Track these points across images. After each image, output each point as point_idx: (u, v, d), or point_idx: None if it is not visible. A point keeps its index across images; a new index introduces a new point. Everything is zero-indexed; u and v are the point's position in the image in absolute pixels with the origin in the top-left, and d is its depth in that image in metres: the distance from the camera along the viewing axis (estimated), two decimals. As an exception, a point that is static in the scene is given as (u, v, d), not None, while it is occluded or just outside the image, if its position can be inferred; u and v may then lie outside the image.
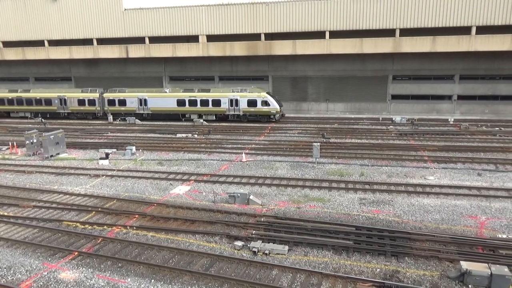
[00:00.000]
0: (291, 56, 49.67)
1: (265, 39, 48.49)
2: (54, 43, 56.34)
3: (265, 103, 43.56)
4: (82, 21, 53.31)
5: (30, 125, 46.08)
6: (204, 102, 44.97)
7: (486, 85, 47.19)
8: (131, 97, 47.10)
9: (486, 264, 13.06)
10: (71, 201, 21.45)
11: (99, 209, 19.95)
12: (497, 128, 38.50)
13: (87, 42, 54.79)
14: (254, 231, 16.78)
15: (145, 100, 46.59)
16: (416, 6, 43.58)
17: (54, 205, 20.80)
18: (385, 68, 49.07)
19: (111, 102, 47.96)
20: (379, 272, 13.79)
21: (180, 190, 22.78)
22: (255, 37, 48.83)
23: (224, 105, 44.61)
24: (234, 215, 18.89)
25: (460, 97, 48.24)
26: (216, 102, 44.73)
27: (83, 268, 14.48)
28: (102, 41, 54.45)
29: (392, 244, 15.31)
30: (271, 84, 52.65)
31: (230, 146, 33.71)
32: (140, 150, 32.83)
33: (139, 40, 52.39)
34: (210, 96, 44.74)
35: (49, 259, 15.25)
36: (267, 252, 15.09)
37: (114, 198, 21.49)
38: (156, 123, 46.65)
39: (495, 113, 47.38)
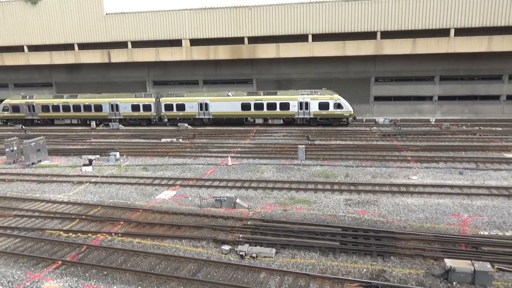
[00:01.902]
0: (275, 59, 49.90)
1: (248, 43, 48.61)
2: (34, 48, 55.28)
3: (338, 105, 41.69)
4: (63, 26, 52.51)
5: (10, 132, 45.06)
6: (271, 106, 43.01)
7: (465, 86, 48.30)
8: (191, 101, 45.03)
9: (469, 261, 13.33)
10: (54, 209, 21.02)
11: (83, 216, 19.62)
12: (477, 128, 39.42)
13: (68, 47, 53.94)
14: (241, 235, 16.75)
15: (206, 104, 44.60)
16: (396, 9, 44.39)
17: (36, 214, 20.37)
18: (367, 70, 49.75)
19: (169, 107, 45.73)
20: (366, 272, 13.93)
21: (165, 195, 22.59)
22: (239, 40, 48.92)
23: (293, 109, 42.61)
24: (221, 219, 18.82)
25: (441, 98, 49.24)
26: (285, 106, 42.71)
27: (68, 277, 14.20)
28: (83, 46, 53.68)
29: (377, 244, 15.49)
30: (255, 87, 52.77)
31: (215, 150, 33.61)
32: (124, 155, 32.44)
33: (122, 44, 51.88)
34: (278, 99, 42.89)
35: (32, 269, 14.91)
36: (254, 255, 15.08)
37: (98, 205, 21.16)
38: (139, 128, 46.21)
39: (475, 113, 48.52)
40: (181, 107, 45.49)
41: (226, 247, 15.69)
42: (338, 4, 45.46)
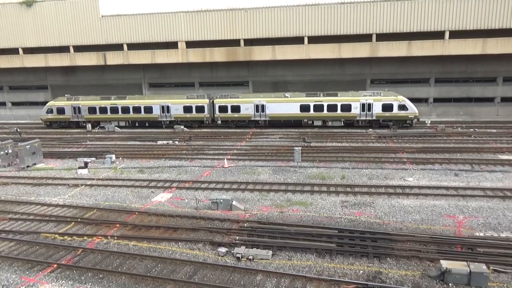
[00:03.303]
0: (271, 61, 49.99)
1: (244, 45, 48.68)
2: (29, 50, 55.02)
3: (403, 107, 40.88)
4: (58, 28, 52.33)
5: (5, 135, 44.79)
6: (332, 107, 42.16)
7: (460, 88, 48.62)
8: (247, 102, 44.12)
9: (465, 262, 13.38)
10: (49, 212, 20.90)
11: (79, 219, 19.52)
12: (471, 129, 39.65)
13: (63, 49, 53.77)
14: (237, 237, 16.73)
15: (263, 106, 43.75)
16: (391, 11, 44.62)
17: (31, 217, 20.23)
18: (363, 72, 49.95)
19: (223, 109, 44.81)
20: (362, 273, 13.94)
21: (162, 198, 22.53)
22: (235, 42, 48.98)
23: (355, 110, 41.78)
24: (217, 221, 18.79)
25: (436, 100, 49.51)
26: (346, 107, 41.90)
27: (63, 281, 14.11)
28: (79, 48, 53.52)
29: (374, 246, 15.52)
30: (251, 89, 52.83)
31: (211, 152, 33.57)
32: (120, 158, 32.33)
33: (117, 47, 51.76)
34: (338, 100, 42.01)
35: (27, 272, 14.80)
36: (251, 257, 15.05)
37: (94, 207, 21.07)
38: (135, 130, 46.06)
39: (470, 115, 48.81)
40: (236, 108, 44.60)
41: (223, 250, 15.66)
42: (333, 6, 45.64)
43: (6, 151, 30.91)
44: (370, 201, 20.88)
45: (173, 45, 50.56)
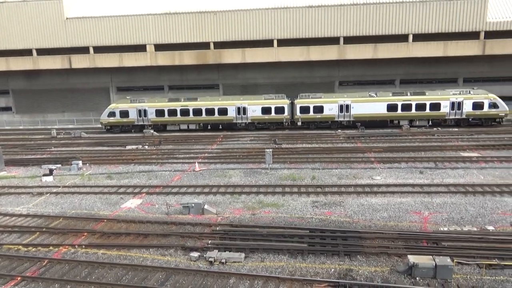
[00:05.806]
0: (241, 64, 50.10)
1: (214, 48, 48.57)
2: (-12, 54, 52.66)
3: (494, 105, 40.68)
4: (21, 31, 50.38)
5: (-38, 143, 42.57)
6: (420, 106, 41.52)
7: (424, 89, 50.35)
8: (331, 103, 42.79)
9: (431, 256, 13.87)
10: (12, 223, 20.02)
11: (44, 229, 18.80)
12: (435, 129, 41.18)
13: (25, 52, 51.76)
14: (210, 241, 16.62)
15: (347, 106, 42.62)
16: (358, 15, 45.82)
17: (-8, 228, 19.32)
18: (331, 74, 50.92)
19: (304, 110, 43.21)
20: (334, 272, 14.18)
21: (131, 204, 22.07)
22: (204, 45, 48.79)
23: (444, 109, 41.25)
24: (189, 226, 18.60)
25: (402, 100, 51.08)
26: (435, 106, 41.32)
27: (27, 293, 13.56)
28: (42, 52, 51.67)
29: (344, 244, 15.82)
30: (221, 92, 52.72)
31: (182, 156, 33.21)
32: (88, 164, 31.43)
33: (83, 50, 50.40)
34: (427, 99, 41.39)
35: (-12, 286, 14.12)
36: (223, 261, 15.00)
37: (60, 216, 20.35)
38: (103, 135, 44.88)
39: (433, 114, 50.67)
40: (319, 109, 43.22)
41: (195, 254, 15.51)
42: (302, 10, 46.33)
43: (-36, 160, 29.40)
44: (340, 200, 21.28)
45: (141, 48, 49.76)
